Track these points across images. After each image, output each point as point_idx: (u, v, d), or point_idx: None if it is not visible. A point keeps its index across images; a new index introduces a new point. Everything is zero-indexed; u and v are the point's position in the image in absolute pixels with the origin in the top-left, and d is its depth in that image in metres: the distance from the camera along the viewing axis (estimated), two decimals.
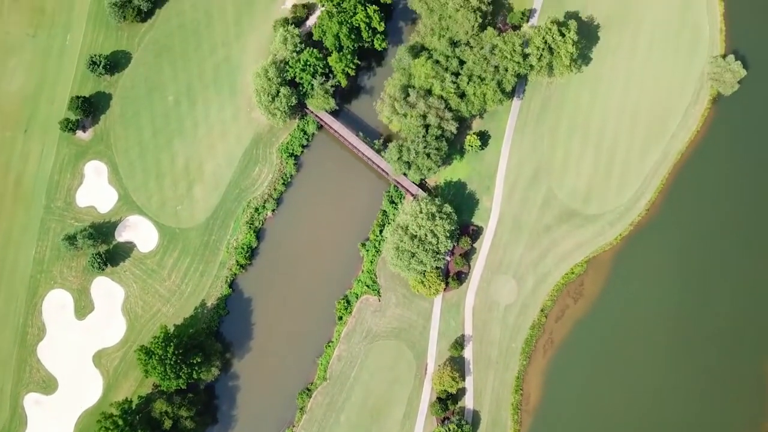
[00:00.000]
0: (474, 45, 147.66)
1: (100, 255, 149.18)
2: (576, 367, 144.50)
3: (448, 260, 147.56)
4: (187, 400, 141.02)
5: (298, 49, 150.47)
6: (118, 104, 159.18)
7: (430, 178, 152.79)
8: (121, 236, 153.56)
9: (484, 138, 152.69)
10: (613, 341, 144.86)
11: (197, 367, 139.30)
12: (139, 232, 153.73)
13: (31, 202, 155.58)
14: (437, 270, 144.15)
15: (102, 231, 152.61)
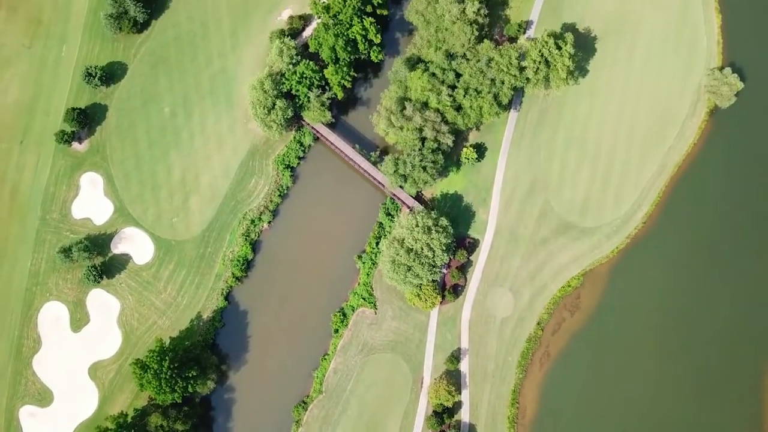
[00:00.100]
0: (470, 57, 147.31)
1: (96, 267, 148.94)
2: (572, 381, 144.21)
3: (444, 273, 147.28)
4: (182, 414, 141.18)
5: (294, 61, 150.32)
6: (114, 116, 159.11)
7: (427, 190, 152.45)
8: (117, 248, 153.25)
9: (481, 150, 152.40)
10: (610, 354, 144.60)
11: (193, 380, 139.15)
12: (134, 244, 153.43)
13: (26, 214, 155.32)
14: (433, 283, 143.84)
15: (97, 243, 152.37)
